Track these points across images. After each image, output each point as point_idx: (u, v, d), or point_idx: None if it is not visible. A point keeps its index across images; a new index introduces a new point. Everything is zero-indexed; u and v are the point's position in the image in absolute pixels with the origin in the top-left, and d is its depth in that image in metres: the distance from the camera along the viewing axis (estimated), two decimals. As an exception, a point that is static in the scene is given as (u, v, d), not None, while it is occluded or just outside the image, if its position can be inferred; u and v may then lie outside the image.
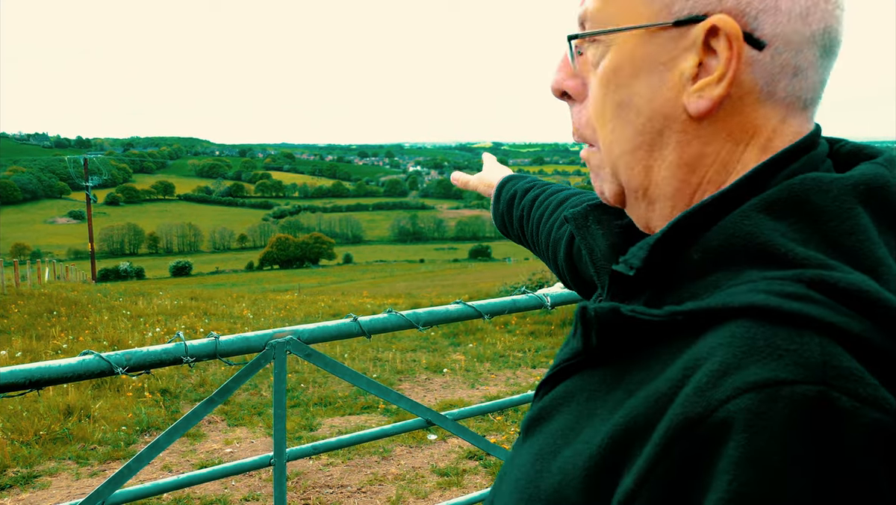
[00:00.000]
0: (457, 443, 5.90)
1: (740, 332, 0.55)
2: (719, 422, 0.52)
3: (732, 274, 0.62)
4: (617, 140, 0.74)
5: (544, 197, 1.39)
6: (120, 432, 6.38)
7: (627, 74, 0.71)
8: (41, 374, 2.14)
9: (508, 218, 1.49)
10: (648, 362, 0.62)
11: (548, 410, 0.73)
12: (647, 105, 0.70)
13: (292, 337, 2.47)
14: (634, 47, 0.70)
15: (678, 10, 0.67)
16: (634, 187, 0.75)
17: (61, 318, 13.66)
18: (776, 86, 0.67)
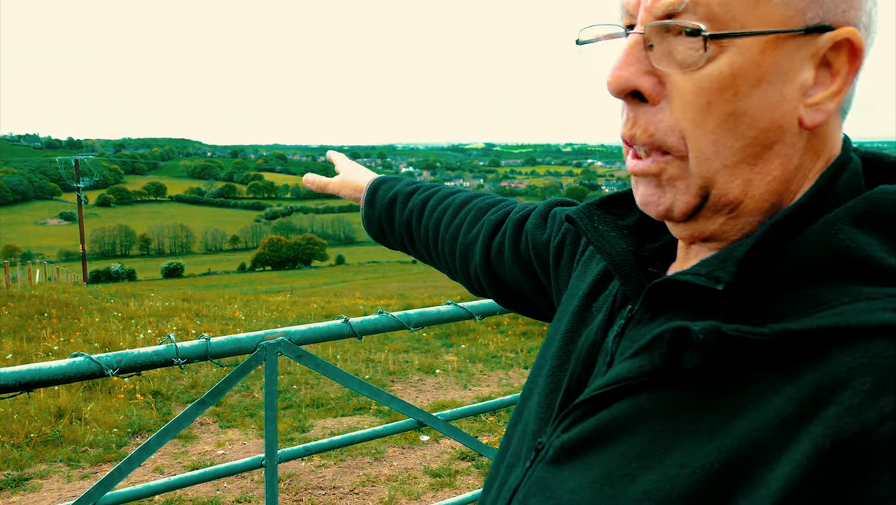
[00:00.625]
0: (449, 444, 5.90)
1: (884, 351, 0.55)
2: (880, 441, 0.51)
3: (831, 288, 0.60)
4: (719, 152, 0.67)
5: (438, 199, 1.35)
6: (111, 434, 6.36)
7: (749, 83, 0.65)
8: (31, 376, 2.13)
9: (388, 223, 1.43)
10: (752, 381, 0.60)
11: (605, 432, 0.69)
12: (765, 117, 0.66)
13: (283, 338, 2.47)
14: (761, 53, 0.65)
15: (810, 17, 0.65)
16: (727, 202, 0.69)
17: (52, 319, 13.60)
18: (849, 104, 0.69)
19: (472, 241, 1.24)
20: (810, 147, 0.68)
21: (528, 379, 0.94)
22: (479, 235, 1.22)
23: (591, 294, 0.90)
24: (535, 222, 1.13)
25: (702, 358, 0.62)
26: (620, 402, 0.69)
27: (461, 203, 1.30)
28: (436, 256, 1.36)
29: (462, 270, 1.29)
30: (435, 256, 1.36)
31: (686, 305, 0.69)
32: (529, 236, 1.13)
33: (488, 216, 1.24)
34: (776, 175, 0.68)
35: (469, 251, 1.25)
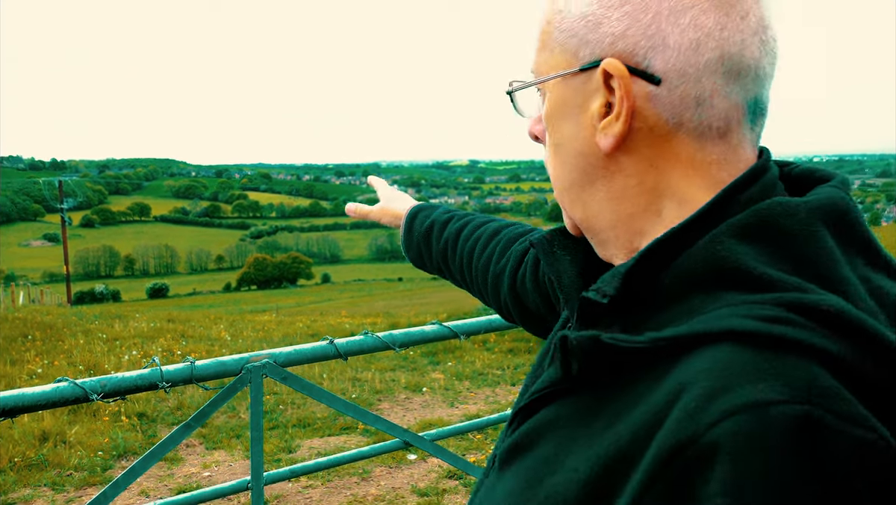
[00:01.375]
0: (437, 462, 5.89)
1: (724, 356, 0.57)
2: (709, 444, 0.53)
3: (708, 298, 0.64)
4: (557, 178, 0.82)
5: (472, 229, 1.39)
6: (96, 458, 6.31)
7: (556, 118, 0.79)
8: (15, 402, 2.13)
9: (426, 250, 1.47)
10: (631, 388, 0.64)
11: (528, 439, 0.73)
12: (571, 145, 0.78)
13: (268, 360, 2.48)
14: (559, 94, 0.78)
15: (582, 56, 0.74)
16: (577, 220, 0.82)
17: (36, 342, 13.49)
18: (682, 116, 0.71)
19: (501, 271, 1.28)
20: (637, 166, 0.73)
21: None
22: (507, 266, 1.27)
23: (564, 320, 0.96)
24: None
25: (581, 366, 0.67)
26: (543, 409, 0.74)
27: (493, 233, 1.34)
28: (470, 283, 1.40)
29: (494, 298, 1.33)
30: (469, 283, 1.40)
31: (599, 320, 0.73)
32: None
33: (515, 246, 1.28)
34: (602, 195, 0.77)
35: (499, 280, 1.29)
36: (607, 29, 0.72)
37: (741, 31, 0.70)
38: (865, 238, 0.68)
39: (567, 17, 0.75)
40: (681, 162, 0.72)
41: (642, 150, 0.73)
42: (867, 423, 0.53)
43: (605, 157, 0.74)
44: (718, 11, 0.70)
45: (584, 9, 0.73)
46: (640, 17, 0.70)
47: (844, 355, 0.56)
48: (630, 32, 0.70)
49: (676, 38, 0.69)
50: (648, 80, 0.70)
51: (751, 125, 0.73)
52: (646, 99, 0.71)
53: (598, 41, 0.72)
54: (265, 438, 6.42)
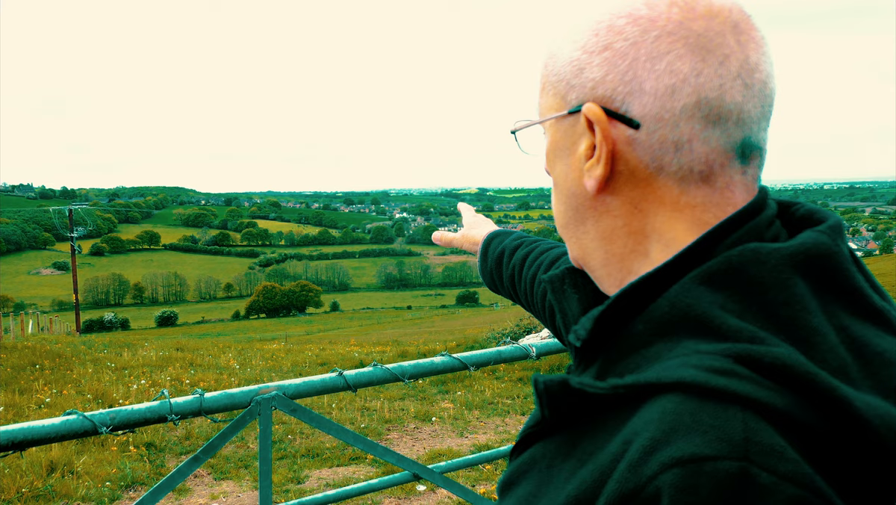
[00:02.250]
0: (446, 494, 5.84)
1: (670, 407, 0.57)
2: (649, 497, 0.54)
3: (671, 345, 0.64)
4: (557, 214, 0.85)
5: (535, 256, 1.40)
6: (104, 488, 6.28)
7: (552, 158, 0.82)
8: (24, 435, 2.13)
9: (498, 276, 1.49)
10: (596, 434, 0.65)
11: (515, 476, 0.75)
12: (564, 185, 0.81)
13: (277, 393, 2.47)
14: (553, 135, 0.81)
15: (569, 100, 0.77)
16: (575, 256, 0.85)
17: (45, 371, 13.50)
18: (662, 160, 0.71)
19: (534, 297, 1.32)
20: (622, 207, 0.75)
21: None
22: (538, 291, 1.29)
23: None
24: None
25: (551, 408, 0.69)
26: (530, 449, 0.75)
27: (553, 259, 1.35)
28: (533, 308, 1.41)
29: (551, 323, 1.34)
30: (533, 308, 1.42)
31: (592, 361, 0.75)
32: None
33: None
34: (593, 234, 0.79)
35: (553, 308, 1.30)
36: (589, 74, 0.74)
37: (720, 76, 0.70)
38: (850, 285, 0.67)
39: (557, 61, 0.78)
40: (664, 205, 0.73)
41: (626, 193, 0.74)
42: (805, 480, 0.53)
43: (593, 198, 0.77)
44: (695, 57, 0.69)
45: (571, 54, 0.76)
46: (618, 62, 0.72)
47: (789, 409, 0.56)
48: (609, 78, 0.72)
49: (652, 84, 0.70)
50: (627, 123, 0.71)
51: (741, 167, 0.72)
52: (626, 143, 0.72)
53: (581, 85, 0.75)
54: (273, 469, 6.38)
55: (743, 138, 0.71)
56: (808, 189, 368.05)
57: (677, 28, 0.70)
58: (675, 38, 0.70)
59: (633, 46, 0.71)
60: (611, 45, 0.72)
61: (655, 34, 0.70)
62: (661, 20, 0.70)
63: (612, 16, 0.73)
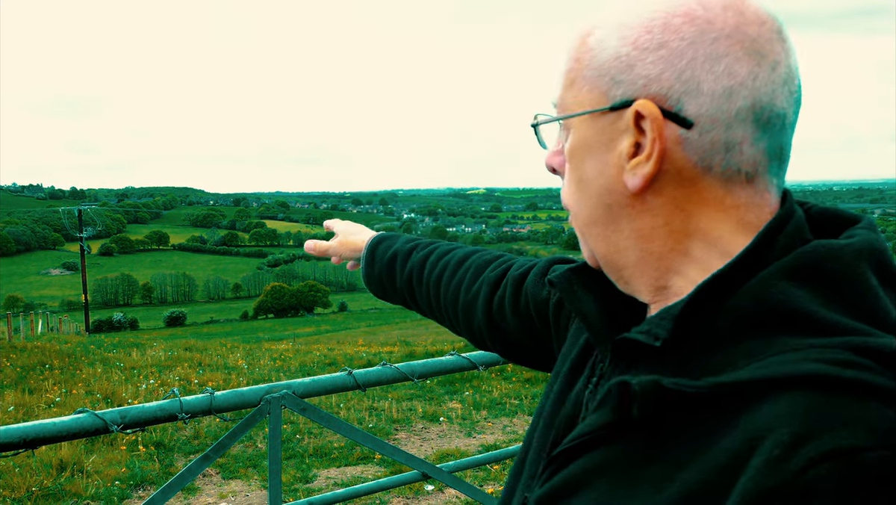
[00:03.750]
0: (454, 493, 5.84)
1: (803, 401, 0.58)
2: (798, 493, 0.54)
3: (765, 342, 0.64)
4: (580, 212, 0.82)
5: (437, 257, 1.38)
6: (113, 487, 6.31)
7: (580, 154, 0.80)
8: (35, 433, 2.14)
9: (389, 281, 1.46)
10: (691, 433, 0.64)
11: (572, 486, 0.73)
12: (595, 182, 0.78)
13: (287, 392, 2.48)
14: (584, 130, 0.78)
15: (613, 96, 0.75)
16: (600, 255, 0.82)
17: (54, 371, 13.55)
18: (711, 161, 0.72)
19: (474, 300, 1.27)
20: (664, 207, 0.74)
21: (525, 437, 0.98)
22: (480, 293, 1.26)
23: (580, 355, 0.94)
24: (535, 280, 1.17)
25: (643, 410, 0.66)
26: (585, 455, 0.73)
27: (459, 260, 1.34)
28: (438, 313, 1.39)
29: (465, 327, 1.32)
30: (437, 313, 1.39)
31: (641, 361, 0.73)
32: (529, 293, 1.16)
33: (487, 273, 1.28)
34: (628, 232, 0.77)
35: (471, 309, 1.28)
36: (641, 71, 0.73)
37: (772, 82, 0.72)
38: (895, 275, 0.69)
39: (598, 56, 0.76)
40: (708, 204, 0.73)
41: (670, 192, 0.74)
42: None
43: (632, 196, 0.75)
44: (751, 61, 0.71)
45: (617, 49, 0.74)
46: (676, 62, 0.71)
47: None
48: (665, 76, 0.72)
49: (710, 85, 0.71)
50: (680, 123, 0.71)
51: (776, 171, 0.75)
52: (676, 142, 0.72)
53: (630, 82, 0.73)
54: (282, 469, 6.40)
55: (782, 143, 0.74)
56: (816, 190, 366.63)
57: (734, 31, 0.71)
58: (733, 42, 0.71)
59: (692, 46, 0.71)
60: (667, 43, 0.72)
61: (714, 36, 0.71)
62: (719, 22, 0.71)
63: (668, 14, 0.72)
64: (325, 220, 1.72)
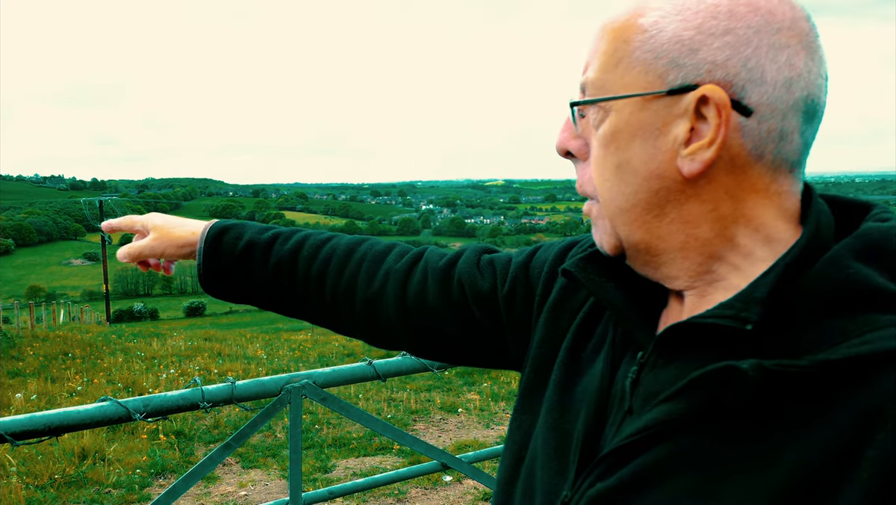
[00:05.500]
0: (472, 484, 5.86)
1: None
2: None
3: (849, 319, 0.66)
4: (615, 197, 0.79)
5: (312, 250, 1.22)
6: (134, 475, 6.37)
7: (625, 138, 0.77)
8: (59, 420, 2.16)
9: (244, 279, 1.25)
10: (796, 413, 0.65)
11: (648, 476, 0.72)
12: (644, 167, 0.76)
13: (307, 381, 2.49)
14: (631, 113, 0.76)
15: (671, 79, 0.74)
16: (635, 242, 0.80)
17: (76, 360, 13.70)
18: (764, 149, 0.73)
19: (379, 294, 1.16)
20: (713, 193, 0.74)
21: (516, 435, 0.95)
22: (388, 287, 1.16)
23: (575, 344, 0.93)
24: (470, 271, 1.10)
25: (748, 395, 0.66)
26: (658, 446, 0.71)
27: (346, 252, 1.21)
28: (318, 311, 1.25)
29: (364, 323, 1.20)
30: (317, 313, 1.25)
31: (703, 348, 0.72)
32: (466, 286, 1.10)
33: (393, 265, 1.18)
34: (674, 217, 0.76)
35: (375, 304, 1.17)
36: (706, 55, 0.72)
37: (821, 76, 0.75)
38: None
39: (655, 38, 0.75)
40: (756, 192, 0.74)
41: (721, 178, 0.74)
42: None
43: (683, 181, 0.75)
44: (806, 55, 0.73)
45: (679, 33, 0.74)
46: (742, 49, 0.72)
47: None
48: (731, 63, 0.72)
49: (773, 75, 0.72)
50: (741, 111, 0.72)
51: (806, 161, 0.78)
52: (735, 129, 0.72)
53: (693, 66, 0.73)
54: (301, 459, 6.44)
55: (815, 135, 0.76)
56: (838, 181, 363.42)
57: (792, 24, 0.73)
58: (792, 34, 0.73)
59: (757, 35, 0.72)
60: (733, 29, 0.72)
61: (777, 27, 0.72)
62: (779, 14, 0.73)
63: (732, 1, 0.73)
64: (104, 223, 1.42)
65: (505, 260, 1.10)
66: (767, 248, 0.74)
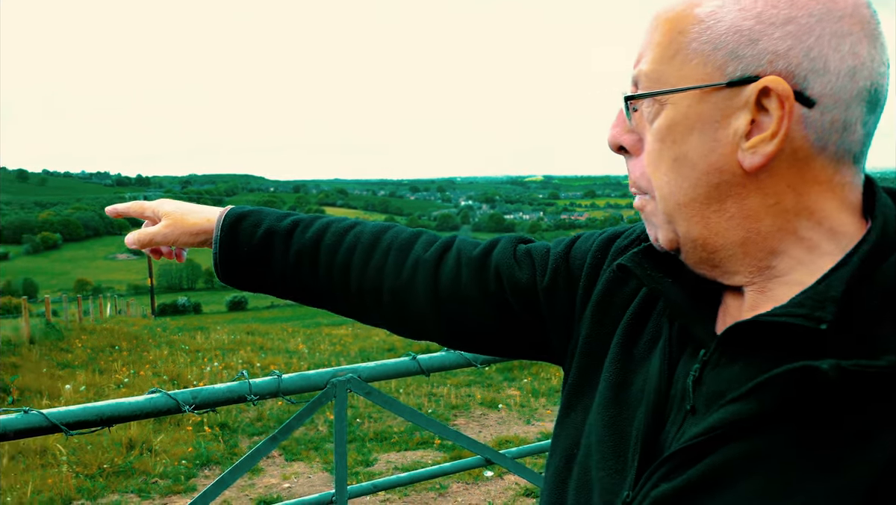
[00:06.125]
0: (513, 480, 5.86)
1: None
2: None
3: None
4: (672, 192, 0.77)
5: (335, 238, 1.18)
6: (180, 466, 6.48)
7: (682, 131, 0.75)
8: (112, 411, 2.21)
9: (262, 266, 1.21)
10: (871, 413, 0.64)
11: (718, 477, 0.70)
12: (703, 160, 0.74)
13: (353, 375, 2.51)
14: (689, 106, 0.74)
15: (731, 71, 0.72)
16: (693, 237, 0.78)
17: (122, 352, 13.96)
18: (827, 140, 0.71)
19: (408, 284, 1.13)
20: (776, 186, 0.73)
21: (566, 432, 0.94)
22: (417, 277, 1.13)
23: (626, 340, 0.91)
24: (507, 262, 1.08)
25: (825, 395, 0.65)
26: (728, 446, 0.70)
27: (370, 241, 1.17)
28: (342, 303, 1.21)
29: (392, 315, 1.18)
30: (341, 303, 1.22)
31: (770, 346, 0.71)
32: (504, 276, 1.07)
33: (422, 255, 1.14)
34: (734, 212, 0.75)
35: (404, 294, 1.14)
36: (767, 46, 0.70)
37: (883, 64, 0.73)
38: None
39: (713, 28, 0.73)
40: (819, 184, 0.72)
41: (783, 171, 0.72)
42: None
43: (744, 175, 0.73)
44: (869, 43, 0.71)
45: (737, 22, 0.72)
46: (804, 38, 0.70)
47: None
48: (793, 53, 0.70)
49: (836, 64, 0.70)
50: (804, 102, 0.70)
51: (867, 151, 0.76)
52: (797, 121, 0.70)
53: (753, 57, 0.71)
54: (343, 451, 6.48)
55: (877, 124, 0.74)
56: (885, 175, 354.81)
57: (854, 11, 0.71)
58: (854, 21, 0.71)
59: (819, 24, 0.70)
60: (794, 18, 0.70)
61: (839, 14, 0.70)
62: (841, 2, 0.71)
63: None
64: (109, 208, 1.37)
65: (542, 250, 1.07)
66: (833, 241, 0.72)
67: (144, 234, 1.27)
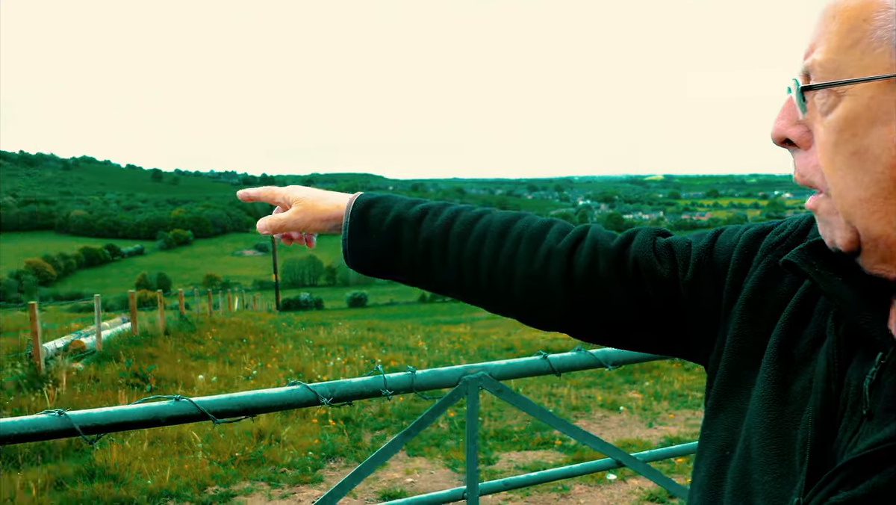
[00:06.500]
0: (637, 484, 5.77)
1: None
2: None
3: None
4: (851, 188, 0.73)
5: (464, 227, 1.17)
6: (307, 457, 6.68)
7: (863, 124, 0.71)
8: (255, 402, 2.30)
9: (394, 254, 1.20)
10: None
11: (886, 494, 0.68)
12: (887, 154, 0.70)
13: (484, 373, 2.53)
14: (872, 97, 0.70)
15: None
16: (875, 235, 0.73)
17: (250, 345, 14.50)
18: None
19: (541, 274, 1.11)
20: None
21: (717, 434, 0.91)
22: (551, 267, 1.10)
23: (785, 340, 0.87)
24: (646, 255, 1.05)
25: None
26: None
27: (501, 230, 1.16)
28: (470, 290, 1.19)
29: (521, 302, 1.15)
30: (468, 290, 1.20)
31: None
32: (643, 269, 1.04)
33: (555, 245, 1.12)
34: None
35: (535, 282, 1.12)
36: None
37: None
38: None
39: None
40: None
41: None
42: None
43: None
44: None
45: None
46: None
47: None
48: None
49: None
50: None
51: None
52: None
53: None
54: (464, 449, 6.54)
55: None
56: None
57: None
58: None
59: None
60: None
61: None
62: None
63: None
64: (240, 192, 1.38)
65: (684, 244, 1.03)
66: None
67: (276, 219, 1.28)
